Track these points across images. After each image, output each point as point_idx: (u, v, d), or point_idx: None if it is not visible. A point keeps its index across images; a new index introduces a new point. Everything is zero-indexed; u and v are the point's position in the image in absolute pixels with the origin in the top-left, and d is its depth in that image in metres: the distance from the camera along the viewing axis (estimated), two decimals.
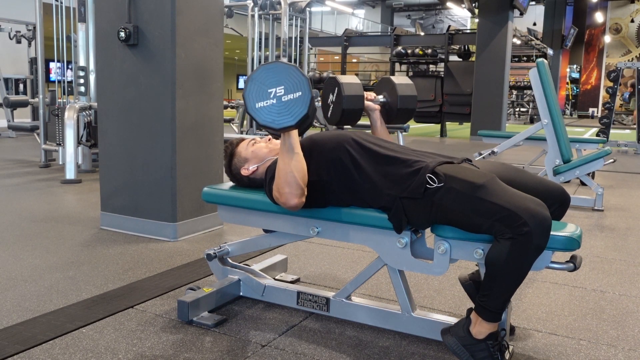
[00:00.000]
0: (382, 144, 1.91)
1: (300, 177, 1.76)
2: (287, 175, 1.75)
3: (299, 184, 1.75)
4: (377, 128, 2.22)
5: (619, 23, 21.55)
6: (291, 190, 1.75)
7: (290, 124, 1.72)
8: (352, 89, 2.08)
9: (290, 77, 1.72)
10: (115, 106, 3.24)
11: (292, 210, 1.82)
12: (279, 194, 1.78)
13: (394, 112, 2.22)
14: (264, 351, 1.82)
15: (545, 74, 4.19)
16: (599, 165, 4.31)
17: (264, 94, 1.72)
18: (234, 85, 21.55)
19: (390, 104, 2.23)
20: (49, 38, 6.09)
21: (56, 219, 3.56)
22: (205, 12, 3.19)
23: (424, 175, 1.69)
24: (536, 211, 1.53)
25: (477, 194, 1.60)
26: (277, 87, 1.72)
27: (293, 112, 1.71)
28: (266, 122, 1.73)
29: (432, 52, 12.36)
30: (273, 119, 1.72)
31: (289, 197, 1.76)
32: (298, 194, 1.76)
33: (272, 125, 1.73)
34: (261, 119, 1.73)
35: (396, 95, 2.19)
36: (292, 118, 1.71)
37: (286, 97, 1.71)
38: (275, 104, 1.72)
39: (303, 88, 1.71)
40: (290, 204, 1.77)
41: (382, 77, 2.31)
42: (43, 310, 2.10)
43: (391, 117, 2.24)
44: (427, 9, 25.10)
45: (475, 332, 1.65)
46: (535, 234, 1.51)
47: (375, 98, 2.24)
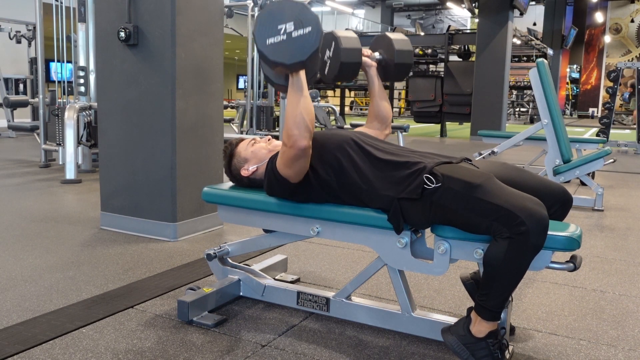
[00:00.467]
0: (380, 145, 1.91)
1: (309, 119, 1.76)
2: (296, 118, 1.74)
3: (307, 126, 1.75)
4: (374, 85, 2.19)
5: (619, 23, 21.55)
6: (300, 132, 1.74)
7: (301, 59, 1.71)
8: (350, 42, 2.02)
9: (300, 13, 1.71)
10: (115, 106, 3.24)
11: (300, 154, 1.77)
12: (288, 137, 1.76)
13: (391, 67, 2.18)
14: (264, 351, 1.82)
15: (545, 74, 4.19)
16: (599, 165, 4.31)
17: (274, 30, 1.71)
18: (234, 85, 21.55)
19: (387, 60, 2.19)
20: (49, 38, 6.09)
21: (56, 219, 3.56)
22: (205, 12, 3.19)
23: (421, 176, 1.69)
24: (534, 210, 1.53)
25: (474, 193, 1.60)
26: (286, 23, 1.71)
27: (303, 47, 1.70)
28: (276, 58, 1.71)
29: (432, 52, 12.37)
30: (283, 55, 1.71)
31: (297, 139, 1.74)
32: (307, 137, 1.75)
33: (284, 61, 1.71)
34: (272, 55, 1.72)
35: (393, 50, 2.15)
36: (302, 53, 1.70)
37: (296, 32, 1.70)
38: (285, 40, 1.71)
39: (312, 23, 1.70)
40: (299, 145, 1.75)
41: (378, 35, 2.26)
42: (43, 310, 2.10)
43: (388, 74, 2.21)
44: (427, 9, 25.09)
45: (475, 331, 1.65)
46: (533, 233, 1.51)
47: (371, 55, 2.21)
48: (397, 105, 19.48)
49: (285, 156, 1.80)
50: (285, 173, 1.84)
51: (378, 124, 2.19)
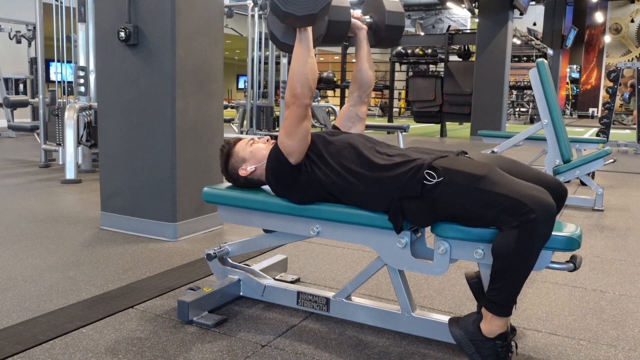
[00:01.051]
0: (378, 146, 1.90)
1: (312, 78, 1.81)
2: (300, 76, 1.79)
3: (310, 86, 1.80)
4: (362, 49, 2.18)
5: (619, 23, 21.54)
6: (303, 91, 1.79)
7: (313, 12, 1.72)
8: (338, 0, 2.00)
9: None
10: (115, 106, 3.24)
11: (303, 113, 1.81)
12: (292, 95, 1.80)
13: (382, 30, 2.15)
14: (264, 351, 1.82)
15: (545, 74, 4.19)
16: (599, 165, 4.31)
17: None
18: (234, 85, 21.55)
19: (378, 23, 2.16)
20: (49, 38, 6.09)
21: (56, 219, 3.56)
22: (205, 12, 3.19)
23: (421, 172, 1.68)
24: (541, 198, 1.53)
25: (479, 185, 1.59)
26: None
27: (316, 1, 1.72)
28: (289, 9, 1.72)
29: (432, 52, 12.36)
30: (296, 6, 1.72)
31: (301, 97, 1.79)
32: (309, 95, 1.81)
33: (295, 12, 1.73)
34: (285, 5, 1.72)
35: (383, 11, 2.12)
36: (315, 5, 1.72)
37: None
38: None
39: None
40: (302, 102, 1.79)
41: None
42: (43, 310, 2.10)
43: (379, 37, 2.18)
44: (427, 9, 25.09)
45: (487, 330, 1.64)
46: (542, 221, 1.51)
47: (361, 17, 2.18)
48: (397, 105, 19.48)
49: (289, 119, 1.83)
50: (287, 146, 1.84)
51: (358, 94, 2.20)
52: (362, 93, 2.20)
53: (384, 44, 2.24)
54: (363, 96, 2.20)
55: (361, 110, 2.22)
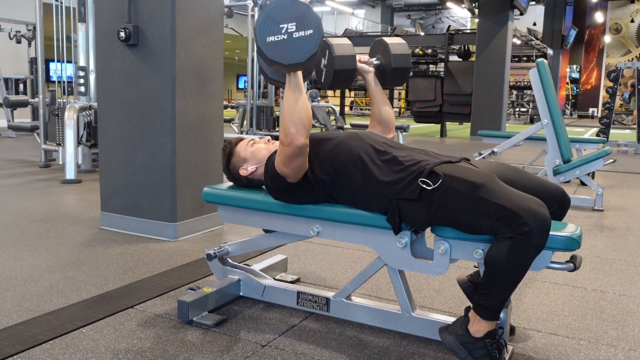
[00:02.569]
0: (380, 141, 1.90)
1: (306, 117, 1.77)
2: (293, 115, 1.75)
3: (304, 125, 1.76)
4: (372, 90, 2.18)
5: (619, 23, 21.54)
6: (297, 130, 1.75)
7: (299, 61, 1.72)
8: (343, 49, 2.04)
9: (303, 14, 1.71)
10: (115, 106, 3.24)
11: (298, 152, 1.77)
12: (285, 135, 1.76)
13: (388, 72, 2.18)
14: (264, 351, 1.82)
15: (545, 74, 4.19)
16: (599, 165, 4.31)
17: (276, 28, 1.71)
18: (234, 85, 21.55)
19: (384, 65, 2.19)
20: (49, 38, 6.09)
21: (56, 219, 3.56)
22: (205, 12, 3.19)
23: (421, 176, 1.69)
24: (537, 211, 1.53)
25: (477, 193, 1.60)
26: (289, 23, 1.71)
27: (303, 49, 1.71)
28: (275, 57, 1.72)
29: (432, 52, 12.37)
30: (282, 54, 1.71)
31: (295, 137, 1.75)
32: (304, 134, 1.76)
33: (281, 61, 1.72)
34: (270, 53, 1.72)
35: (389, 55, 2.15)
36: (301, 55, 1.71)
37: (297, 33, 1.71)
38: (286, 39, 1.71)
39: (314, 26, 1.71)
40: (296, 143, 1.75)
41: (375, 40, 2.26)
42: (43, 310, 2.10)
43: (386, 79, 2.20)
44: (427, 9, 25.09)
45: (474, 330, 1.65)
46: (536, 234, 1.51)
47: (368, 60, 2.21)
48: (397, 105, 19.49)
49: (283, 154, 1.80)
50: (284, 172, 1.84)
51: (381, 129, 2.18)
52: (385, 128, 2.18)
53: (389, 85, 2.28)
54: (386, 131, 2.19)
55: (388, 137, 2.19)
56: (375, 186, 1.78)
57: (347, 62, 2.05)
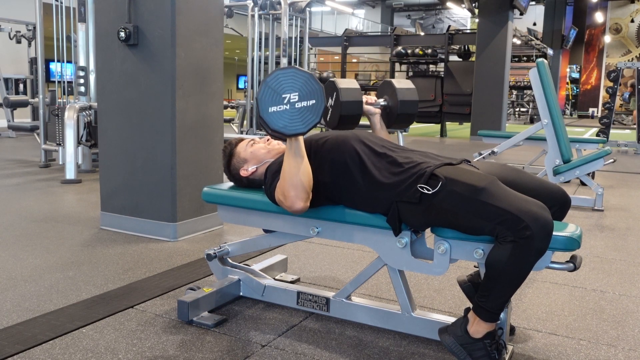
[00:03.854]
0: (381, 143, 1.90)
1: (307, 180, 1.76)
2: (293, 179, 1.75)
3: (305, 188, 1.75)
4: (377, 131, 2.21)
5: (619, 23, 21.54)
6: (297, 193, 1.75)
7: (302, 131, 1.73)
8: (350, 94, 2.06)
9: (306, 84, 1.72)
10: (115, 106, 3.24)
11: (296, 213, 1.81)
12: (284, 197, 1.77)
13: (394, 116, 2.20)
14: (264, 351, 1.82)
15: (545, 74, 4.19)
16: (599, 165, 4.31)
17: (278, 99, 1.71)
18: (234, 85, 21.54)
19: (391, 107, 2.21)
20: (49, 38, 6.09)
21: (56, 219, 3.56)
22: (205, 12, 3.19)
23: (421, 179, 1.69)
24: (539, 214, 1.53)
25: (479, 196, 1.59)
26: (291, 93, 1.71)
27: (305, 119, 1.71)
28: (277, 128, 1.72)
29: (432, 52, 12.35)
30: (285, 124, 1.72)
31: (294, 200, 1.75)
32: (304, 198, 1.76)
33: (283, 131, 1.72)
34: (273, 123, 1.72)
35: (397, 100, 2.17)
36: (303, 125, 1.72)
37: (300, 104, 1.71)
38: (288, 110, 1.71)
39: (317, 96, 1.71)
40: (295, 207, 1.76)
41: (384, 80, 2.29)
42: (43, 310, 2.10)
43: (391, 122, 2.23)
44: (427, 9, 25.10)
45: (473, 331, 1.65)
46: (538, 238, 1.51)
47: (375, 102, 2.23)
48: None
49: (282, 205, 1.82)
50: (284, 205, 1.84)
51: None
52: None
53: (393, 127, 2.30)
54: None
55: None
56: (375, 188, 1.78)
57: (354, 107, 2.06)
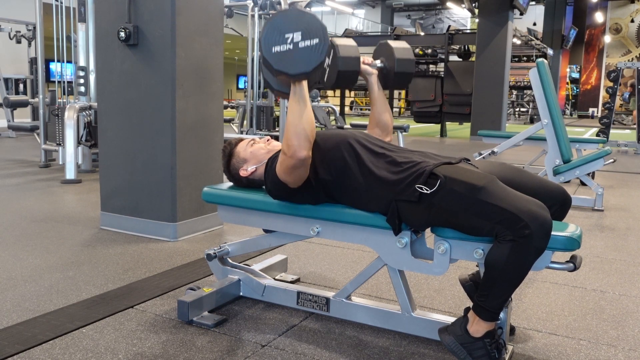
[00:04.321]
0: (381, 144, 1.91)
1: (310, 130, 1.76)
2: (296, 127, 1.74)
3: (307, 137, 1.75)
4: (374, 93, 2.18)
5: (619, 23, 21.54)
6: (300, 142, 1.74)
7: (306, 71, 1.71)
8: (348, 50, 2.02)
9: (308, 24, 1.71)
10: (115, 106, 3.24)
11: (299, 164, 1.77)
12: (288, 147, 1.76)
13: (391, 76, 2.17)
14: (264, 351, 1.82)
15: (545, 74, 4.19)
16: (599, 165, 4.31)
17: (281, 38, 1.70)
18: (234, 85, 21.55)
19: (388, 68, 2.18)
20: (49, 38, 6.09)
21: (56, 219, 3.56)
22: (205, 12, 3.19)
23: (421, 178, 1.69)
24: (538, 214, 1.53)
25: (478, 195, 1.60)
26: (294, 32, 1.70)
27: (309, 59, 1.70)
28: (281, 67, 1.71)
29: (432, 52, 12.36)
30: (289, 64, 1.71)
31: (297, 149, 1.74)
32: (306, 147, 1.75)
33: (287, 71, 1.71)
34: (276, 63, 1.71)
35: (393, 59, 2.14)
36: (307, 65, 1.71)
37: (303, 43, 1.70)
38: (292, 50, 1.70)
39: (320, 35, 1.70)
40: (298, 155, 1.74)
41: (380, 42, 2.25)
42: (43, 310, 2.10)
43: (389, 82, 2.20)
44: (427, 9, 25.09)
45: (473, 330, 1.65)
46: (537, 237, 1.51)
47: (372, 62, 2.20)
48: (397, 105, 19.48)
49: (285, 165, 1.80)
50: (285, 179, 1.84)
51: (379, 131, 2.19)
52: (383, 133, 2.19)
53: (391, 88, 2.27)
54: (384, 135, 2.19)
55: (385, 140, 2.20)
56: (375, 187, 1.78)
57: (351, 63, 2.04)
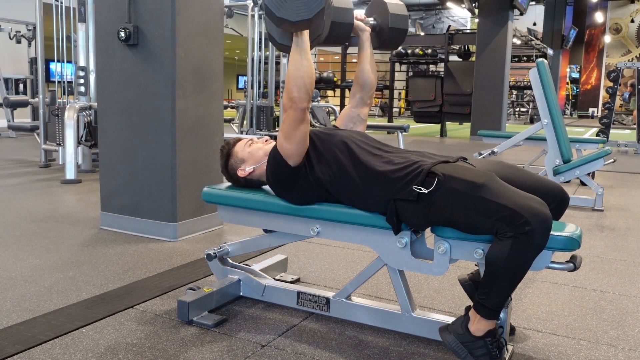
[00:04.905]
0: (378, 144, 1.91)
1: (309, 82, 1.79)
2: (297, 80, 1.77)
3: (307, 89, 1.78)
4: (365, 50, 2.17)
5: (619, 23, 21.54)
6: (300, 94, 1.77)
7: (307, 17, 1.72)
8: (342, 1, 2.00)
9: None
10: (115, 106, 3.24)
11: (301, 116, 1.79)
12: (289, 98, 1.79)
13: (385, 32, 2.14)
14: (264, 351, 1.82)
15: (545, 74, 4.19)
16: (599, 165, 4.31)
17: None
18: (234, 85, 21.54)
19: (381, 24, 2.15)
20: (49, 38, 6.09)
21: (56, 219, 3.56)
22: (205, 12, 3.19)
23: (419, 178, 1.69)
24: (538, 210, 1.53)
25: (478, 193, 1.60)
26: None
27: (310, 5, 1.71)
28: (283, 15, 1.72)
29: (432, 52, 12.35)
30: (290, 11, 1.71)
31: (298, 101, 1.77)
32: (306, 99, 1.79)
33: (289, 18, 1.72)
34: (278, 11, 1.72)
35: (387, 14, 2.11)
36: (309, 11, 1.71)
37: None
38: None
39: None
40: (299, 105, 1.78)
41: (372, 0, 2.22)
42: (43, 310, 2.10)
43: (383, 40, 2.17)
44: (427, 9, 25.09)
45: (474, 329, 1.65)
46: (537, 233, 1.51)
47: (365, 19, 2.18)
48: (397, 105, 19.48)
49: (286, 123, 1.82)
50: (286, 148, 1.84)
51: (360, 95, 2.20)
52: (365, 94, 2.20)
53: (386, 47, 2.25)
54: (365, 98, 2.20)
55: (363, 112, 2.22)
56: (372, 186, 1.78)
57: (345, 15, 1.99)
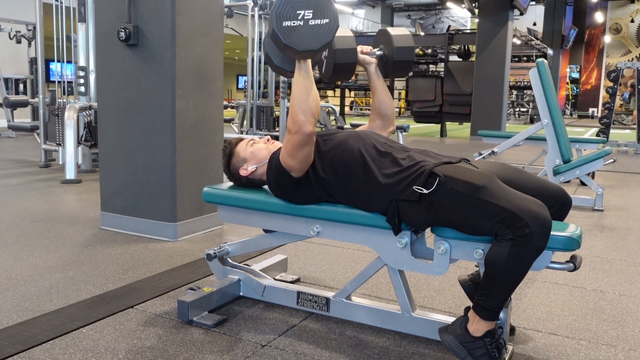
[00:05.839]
0: (382, 141, 1.90)
1: (315, 105, 1.78)
2: (302, 104, 1.77)
3: (313, 113, 1.78)
4: (374, 81, 2.18)
5: (619, 23, 21.54)
6: (306, 118, 1.77)
7: (313, 48, 1.72)
8: (344, 42, 2.02)
9: (320, 3, 1.72)
10: (115, 106, 3.24)
11: (306, 140, 1.78)
12: (293, 122, 1.77)
13: (390, 64, 2.16)
14: (264, 351, 1.82)
15: (545, 74, 4.19)
16: (599, 165, 4.31)
17: (292, 14, 1.71)
18: (234, 85, 21.55)
19: (387, 56, 2.16)
20: (49, 38, 6.09)
21: (56, 219, 3.56)
22: (205, 12, 3.19)
23: (421, 178, 1.69)
24: (537, 213, 1.53)
25: (478, 194, 1.60)
26: (306, 10, 1.71)
27: (318, 37, 1.72)
28: (289, 42, 1.71)
29: (432, 52, 12.36)
30: (297, 40, 1.71)
31: (303, 124, 1.76)
32: (312, 122, 1.78)
33: (295, 47, 1.72)
34: (286, 38, 1.71)
35: (392, 47, 2.13)
36: (316, 43, 1.72)
37: (313, 21, 1.71)
38: (302, 26, 1.71)
39: (330, 15, 1.72)
40: (305, 130, 1.76)
41: (379, 30, 2.25)
42: (43, 310, 2.10)
43: (388, 70, 2.19)
44: (427, 9, 25.08)
45: (473, 330, 1.65)
46: (536, 236, 1.51)
47: (371, 51, 2.19)
48: (397, 105, 19.48)
49: (290, 144, 1.81)
50: (289, 164, 1.84)
51: (381, 122, 2.18)
52: (386, 122, 2.18)
53: (391, 77, 2.27)
54: (387, 125, 2.18)
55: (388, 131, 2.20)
56: (375, 187, 1.78)
57: (348, 55, 2.02)
